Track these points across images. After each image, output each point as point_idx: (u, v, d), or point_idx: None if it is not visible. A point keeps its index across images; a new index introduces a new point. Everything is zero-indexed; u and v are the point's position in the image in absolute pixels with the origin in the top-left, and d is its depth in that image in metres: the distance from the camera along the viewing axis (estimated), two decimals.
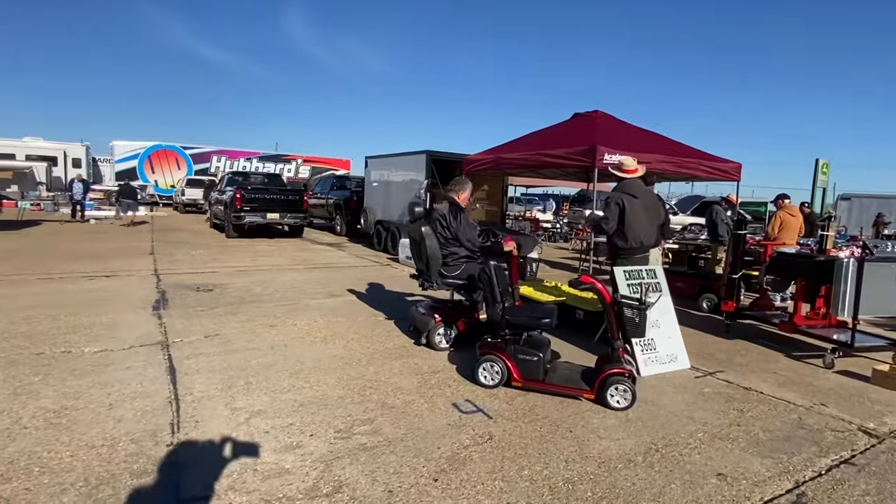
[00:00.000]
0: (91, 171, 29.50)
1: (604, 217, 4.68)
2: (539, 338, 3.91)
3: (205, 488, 2.37)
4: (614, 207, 4.60)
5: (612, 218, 4.61)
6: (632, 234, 4.71)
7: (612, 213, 4.64)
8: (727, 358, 4.84)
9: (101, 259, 8.97)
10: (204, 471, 2.52)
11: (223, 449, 2.73)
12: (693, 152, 7.51)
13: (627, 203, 4.65)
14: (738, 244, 6.18)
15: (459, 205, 4.78)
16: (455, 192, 4.92)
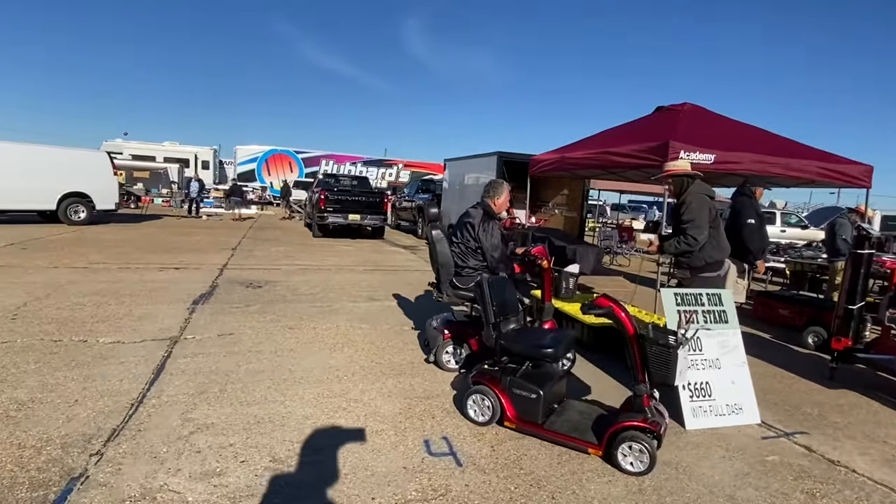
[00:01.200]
0: (217, 173, 32.87)
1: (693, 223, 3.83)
2: (550, 370, 3.22)
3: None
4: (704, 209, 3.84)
5: (703, 225, 3.82)
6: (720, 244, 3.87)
7: (702, 216, 3.84)
8: (820, 414, 3.72)
9: (185, 252, 9.59)
10: (99, 494, 2.25)
11: (136, 467, 2.46)
12: (804, 151, 6.12)
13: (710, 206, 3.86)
14: (858, 266, 4.88)
15: (492, 211, 4.20)
16: (489, 196, 4.33)
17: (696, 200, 3.85)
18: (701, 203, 3.86)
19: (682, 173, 4.03)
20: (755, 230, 5.65)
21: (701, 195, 3.93)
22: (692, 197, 3.89)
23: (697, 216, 3.80)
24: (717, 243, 3.98)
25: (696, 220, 3.79)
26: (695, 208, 3.81)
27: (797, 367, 4.77)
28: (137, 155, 27.95)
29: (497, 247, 3.95)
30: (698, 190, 3.96)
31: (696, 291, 3.69)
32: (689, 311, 3.61)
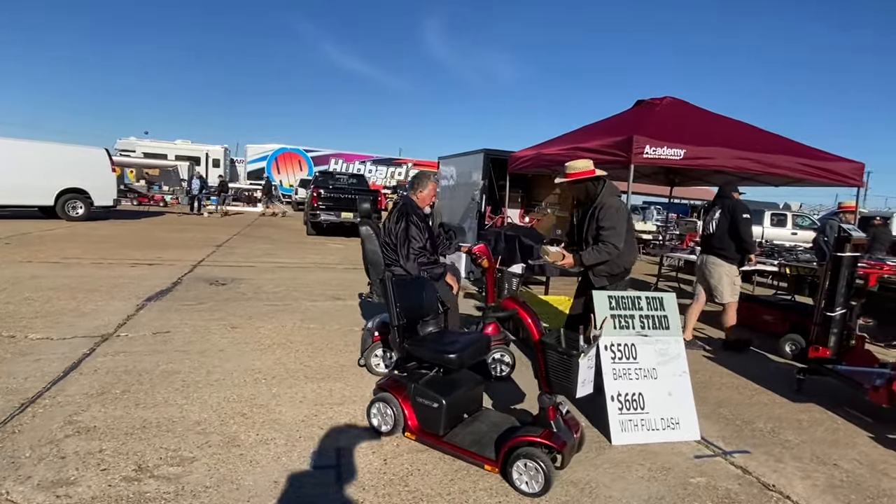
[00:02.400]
0: (228, 171, 33.16)
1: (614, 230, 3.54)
2: (461, 377, 2.98)
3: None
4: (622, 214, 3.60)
5: (623, 232, 3.56)
6: (630, 248, 3.61)
7: (621, 221, 3.58)
8: (772, 431, 3.41)
9: (167, 248, 9.55)
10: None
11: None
12: (788, 147, 5.75)
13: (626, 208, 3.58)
14: (838, 270, 4.55)
15: (412, 205, 3.98)
16: (413, 189, 4.12)
17: (613, 205, 3.57)
18: (619, 207, 3.58)
19: (589, 176, 3.67)
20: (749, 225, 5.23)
21: (617, 198, 3.66)
22: (609, 201, 3.59)
23: (617, 223, 3.51)
24: (630, 247, 3.72)
25: (616, 228, 3.50)
26: (613, 214, 3.53)
27: (767, 378, 4.44)
28: (149, 153, 28.37)
29: (407, 243, 3.71)
30: (613, 192, 3.67)
31: (635, 294, 3.41)
32: (635, 318, 3.34)
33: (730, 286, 5.27)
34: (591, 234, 3.63)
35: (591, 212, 3.62)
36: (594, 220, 3.59)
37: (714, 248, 5.30)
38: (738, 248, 5.18)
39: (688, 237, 12.58)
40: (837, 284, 4.58)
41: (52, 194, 12.95)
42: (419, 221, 3.87)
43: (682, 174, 8.38)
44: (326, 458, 2.64)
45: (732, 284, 5.28)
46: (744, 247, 5.15)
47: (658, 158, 5.03)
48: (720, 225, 5.25)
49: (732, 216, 5.20)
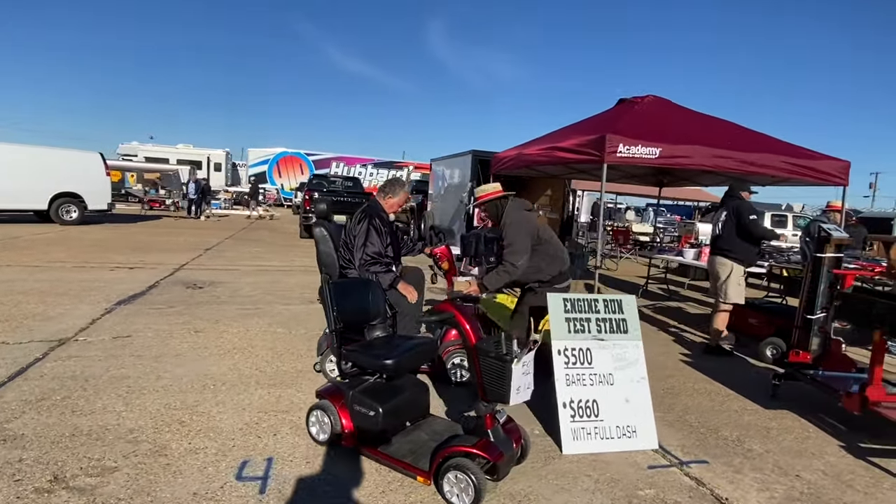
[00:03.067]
0: (230, 175, 33.31)
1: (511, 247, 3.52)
2: (405, 383, 2.86)
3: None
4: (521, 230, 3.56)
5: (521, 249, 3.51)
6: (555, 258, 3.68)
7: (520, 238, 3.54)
8: (737, 439, 3.27)
9: (154, 252, 9.51)
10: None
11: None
12: (773, 146, 5.60)
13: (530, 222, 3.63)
14: (818, 271, 4.41)
15: (377, 208, 3.88)
16: (383, 193, 4.03)
17: (513, 222, 3.50)
18: (518, 224, 3.50)
19: (492, 197, 3.68)
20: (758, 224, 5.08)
21: (518, 214, 3.59)
22: (508, 218, 3.55)
23: (515, 240, 3.45)
24: (551, 258, 3.63)
25: (513, 245, 3.44)
26: (511, 232, 3.47)
27: (744, 384, 4.29)
28: (151, 157, 28.53)
29: (363, 247, 3.61)
30: (515, 209, 3.61)
31: (592, 297, 3.28)
32: (591, 321, 3.22)
33: (735, 286, 5.13)
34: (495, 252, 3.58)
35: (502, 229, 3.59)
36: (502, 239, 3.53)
37: (721, 248, 5.19)
38: (750, 245, 5.06)
39: (683, 239, 12.39)
40: (818, 286, 4.46)
41: (45, 198, 12.97)
42: (381, 226, 3.77)
43: (670, 174, 8.25)
44: (256, 468, 2.53)
45: (737, 285, 5.14)
46: (760, 241, 5.09)
47: (632, 157, 4.91)
48: (726, 226, 5.14)
49: (738, 217, 5.08)
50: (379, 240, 3.68)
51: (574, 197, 17.27)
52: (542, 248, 3.54)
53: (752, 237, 5.00)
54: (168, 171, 25.66)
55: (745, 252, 5.09)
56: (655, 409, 3.63)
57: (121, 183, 23.32)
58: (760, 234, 5.02)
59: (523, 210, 3.63)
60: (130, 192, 19.48)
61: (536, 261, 3.52)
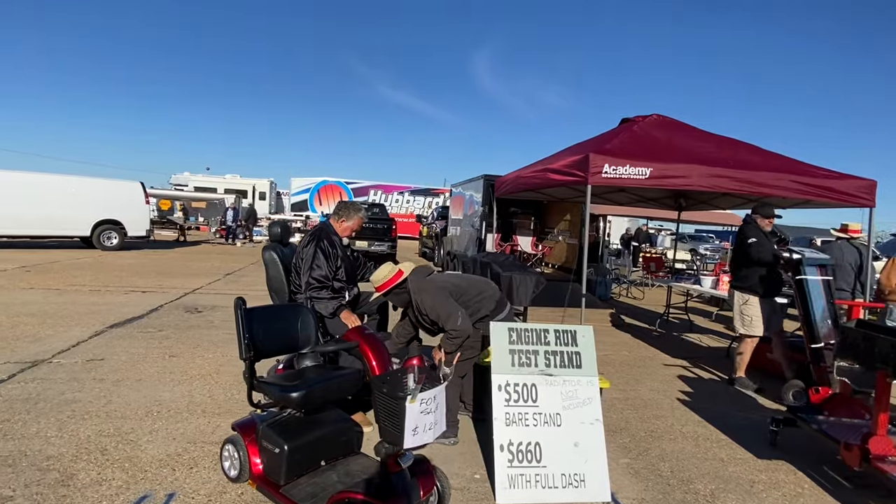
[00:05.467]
0: (274, 203, 34.59)
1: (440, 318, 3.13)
2: (330, 418, 2.67)
3: None
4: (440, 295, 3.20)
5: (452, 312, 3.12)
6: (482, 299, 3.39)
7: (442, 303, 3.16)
8: (711, 494, 2.86)
9: (175, 276, 9.81)
10: None
11: None
12: (786, 165, 5.13)
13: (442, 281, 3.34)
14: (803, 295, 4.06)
15: (328, 231, 3.77)
16: (336, 215, 3.93)
17: (426, 295, 3.14)
18: (431, 294, 3.12)
19: (392, 286, 3.25)
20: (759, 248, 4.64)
21: (423, 285, 3.21)
22: (418, 296, 3.16)
23: (439, 308, 3.06)
24: (479, 300, 3.30)
25: (441, 314, 3.05)
26: (430, 304, 3.09)
27: (743, 429, 3.83)
28: (200, 187, 30.05)
29: (308, 271, 3.47)
30: (418, 282, 3.23)
31: (542, 327, 3.00)
32: (538, 354, 2.94)
33: (739, 316, 4.82)
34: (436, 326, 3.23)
35: (417, 310, 3.24)
36: (427, 317, 3.19)
37: (732, 277, 4.98)
38: (757, 271, 4.66)
39: (717, 266, 11.65)
40: (809, 311, 4.01)
41: (88, 225, 13.76)
42: (329, 248, 3.64)
43: (689, 197, 7.79)
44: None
45: (742, 315, 4.79)
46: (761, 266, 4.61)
47: (619, 178, 4.61)
48: (735, 253, 4.90)
49: (739, 241, 4.79)
50: (327, 263, 3.55)
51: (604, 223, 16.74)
52: (465, 297, 3.24)
53: (754, 262, 4.59)
54: (214, 200, 26.91)
55: (751, 279, 4.68)
56: (627, 454, 3.30)
57: (170, 211, 24.66)
58: (757, 259, 4.58)
59: (425, 278, 3.30)
60: (170, 220, 20.46)
61: (471, 309, 3.22)
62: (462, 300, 3.19)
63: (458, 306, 3.08)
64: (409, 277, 3.26)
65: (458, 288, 3.26)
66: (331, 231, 3.81)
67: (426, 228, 17.27)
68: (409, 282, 3.25)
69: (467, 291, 3.30)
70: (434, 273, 3.43)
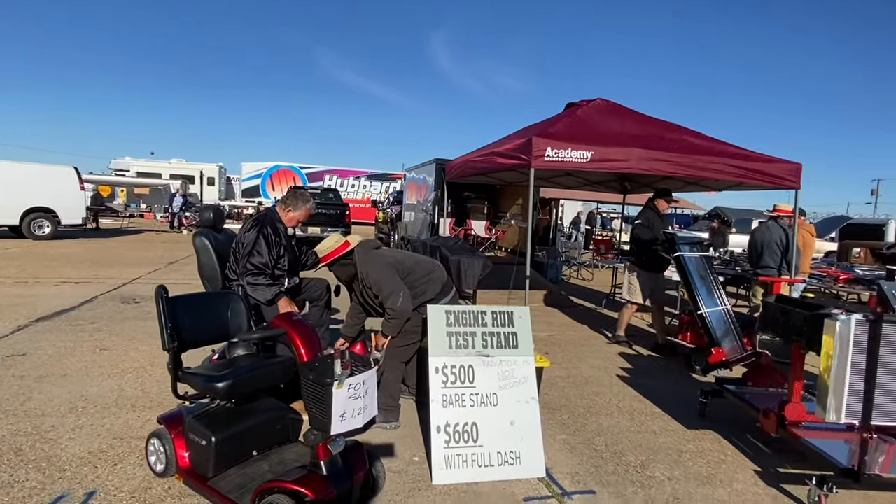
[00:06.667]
0: (224, 189, 33.36)
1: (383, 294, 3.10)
2: (263, 407, 2.61)
3: None
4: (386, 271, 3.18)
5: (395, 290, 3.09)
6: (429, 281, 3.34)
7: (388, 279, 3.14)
8: (641, 465, 2.98)
9: (113, 266, 9.32)
10: None
11: None
12: (720, 149, 5.33)
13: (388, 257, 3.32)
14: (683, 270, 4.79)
15: (273, 217, 3.65)
16: (283, 203, 3.81)
17: (371, 268, 3.12)
18: (377, 268, 3.11)
19: (336, 256, 3.26)
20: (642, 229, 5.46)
21: (370, 258, 3.19)
22: (364, 268, 3.16)
23: (382, 284, 3.06)
24: (425, 281, 3.25)
25: (383, 290, 3.04)
26: (376, 278, 3.09)
27: (676, 403, 3.98)
28: (144, 172, 28.59)
29: (247, 256, 3.36)
30: (365, 254, 3.21)
31: (480, 308, 3.02)
32: (476, 336, 2.95)
33: (627, 286, 5.70)
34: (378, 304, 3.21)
35: (362, 284, 3.21)
36: (371, 291, 3.17)
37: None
38: (644, 250, 5.34)
39: None
40: (691, 283, 4.67)
41: (17, 213, 12.86)
42: (272, 236, 3.52)
43: (633, 180, 7.99)
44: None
45: (628, 284, 5.65)
46: (645, 245, 5.33)
47: (562, 161, 4.66)
48: (630, 233, 5.67)
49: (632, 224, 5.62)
50: (268, 251, 3.44)
51: (557, 207, 17.03)
52: (411, 277, 3.20)
53: (640, 241, 5.36)
54: (158, 186, 25.70)
55: (639, 256, 5.46)
56: (565, 430, 3.39)
57: (110, 198, 23.38)
58: (640, 238, 5.37)
59: (372, 250, 3.27)
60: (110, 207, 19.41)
61: (415, 290, 3.19)
62: (408, 280, 3.17)
63: (402, 285, 3.07)
64: (355, 249, 3.23)
65: (405, 267, 3.23)
66: (276, 218, 3.69)
67: (382, 214, 17.11)
68: (355, 253, 3.22)
69: (414, 271, 3.27)
70: (383, 248, 3.40)
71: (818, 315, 2.67)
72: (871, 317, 2.49)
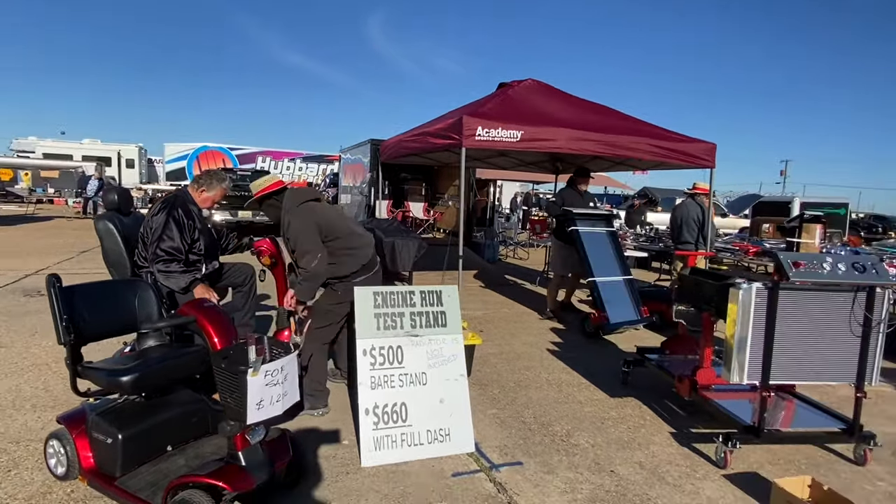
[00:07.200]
0: (145, 171, 31.22)
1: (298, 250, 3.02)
2: (178, 399, 2.46)
3: None
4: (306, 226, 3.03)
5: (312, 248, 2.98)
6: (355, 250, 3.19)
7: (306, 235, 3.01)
8: (567, 433, 3.09)
9: (19, 256, 8.51)
10: None
11: None
12: (642, 129, 5.55)
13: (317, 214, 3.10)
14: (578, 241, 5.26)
15: (184, 198, 3.41)
16: (195, 184, 3.57)
17: (295, 219, 3.03)
18: (300, 221, 3.02)
19: (263, 194, 3.16)
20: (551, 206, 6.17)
21: (295, 210, 3.07)
22: (288, 216, 3.06)
23: (298, 241, 2.99)
24: (348, 254, 3.12)
25: (299, 247, 2.98)
26: (296, 231, 3.01)
27: (602, 373, 4.15)
28: (52, 154, 26.17)
29: (157, 241, 3.15)
30: (292, 204, 3.10)
31: (408, 289, 2.99)
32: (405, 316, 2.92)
33: (551, 259, 6.33)
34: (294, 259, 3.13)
35: (284, 230, 3.10)
36: (288, 242, 3.09)
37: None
38: (559, 224, 5.80)
39: None
40: (583, 253, 5.17)
41: None
42: (184, 218, 3.28)
43: (564, 161, 8.17)
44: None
45: (551, 257, 6.27)
46: (555, 220, 5.91)
47: (492, 140, 4.68)
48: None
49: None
50: (180, 234, 3.22)
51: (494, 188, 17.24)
52: (334, 245, 3.08)
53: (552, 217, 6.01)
54: (69, 169, 23.63)
55: (556, 230, 5.91)
56: (496, 405, 3.45)
57: (12, 182, 21.26)
58: (549, 214, 6.20)
59: (302, 202, 3.11)
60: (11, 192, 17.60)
61: (334, 258, 3.07)
62: (330, 244, 3.03)
63: (321, 247, 2.96)
64: (287, 192, 3.10)
65: (333, 229, 3.07)
66: (187, 200, 3.44)
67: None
68: (285, 197, 3.09)
69: (340, 238, 3.11)
70: (320, 204, 3.19)
71: (725, 285, 2.85)
72: (769, 284, 2.68)
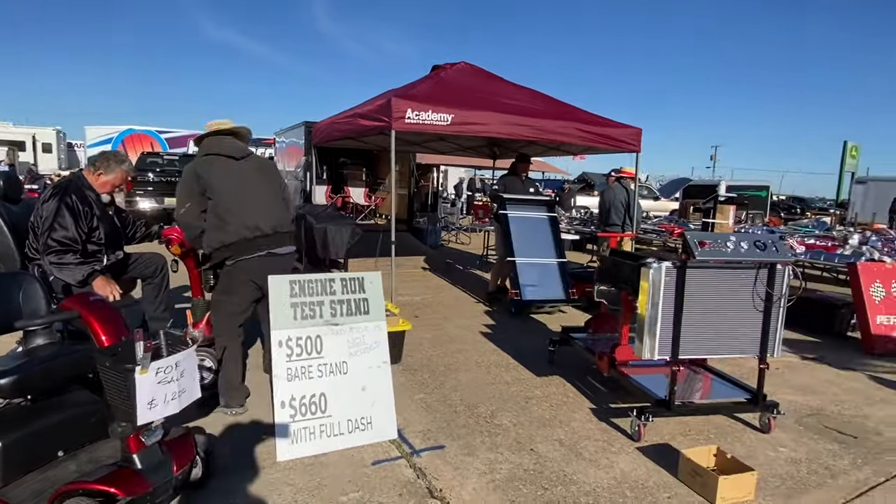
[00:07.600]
0: (64, 156, 28.98)
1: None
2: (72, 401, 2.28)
3: None
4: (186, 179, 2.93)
5: (181, 200, 2.92)
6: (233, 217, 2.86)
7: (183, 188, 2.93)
8: (490, 415, 3.12)
9: None
10: None
11: None
12: (571, 114, 5.64)
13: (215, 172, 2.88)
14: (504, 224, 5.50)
15: (79, 184, 3.14)
16: (91, 166, 3.30)
17: (191, 165, 2.95)
18: (195, 169, 2.90)
19: (200, 136, 3.17)
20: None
21: (205, 160, 2.93)
22: (193, 161, 3.00)
23: (179, 187, 2.97)
24: (221, 222, 2.86)
25: (178, 194, 2.97)
26: (182, 177, 2.97)
27: (531, 353, 4.21)
28: None
29: (48, 231, 2.91)
30: (208, 148, 2.98)
31: (328, 276, 2.89)
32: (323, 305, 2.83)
33: (497, 243, 6.05)
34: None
35: None
36: None
37: None
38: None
39: None
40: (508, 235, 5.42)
41: None
42: (78, 205, 3.02)
43: (501, 146, 8.23)
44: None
45: (499, 242, 5.93)
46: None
47: (422, 123, 4.61)
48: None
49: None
50: (74, 223, 2.97)
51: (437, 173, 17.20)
52: (219, 208, 2.84)
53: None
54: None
55: (497, 215, 5.88)
56: (423, 389, 3.44)
57: None
58: (490, 199, 6.06)
59: (218, 156, 2.92)
60: None
61: (211, 222, 2.86)
62: (214, 207, 2.85)
63: (192, 198, 2.86)
64: (212, 138, 3.01)
65: (222, 190, 2.85)
66: (82, 185, 3.17)
67: None
68: (203, 143, 3.04)
69: (216, 202, 2.85)
70: (238, 164, 2.95)
71: (639, 265, 2.94)
72: (678, 263, 2.79)
